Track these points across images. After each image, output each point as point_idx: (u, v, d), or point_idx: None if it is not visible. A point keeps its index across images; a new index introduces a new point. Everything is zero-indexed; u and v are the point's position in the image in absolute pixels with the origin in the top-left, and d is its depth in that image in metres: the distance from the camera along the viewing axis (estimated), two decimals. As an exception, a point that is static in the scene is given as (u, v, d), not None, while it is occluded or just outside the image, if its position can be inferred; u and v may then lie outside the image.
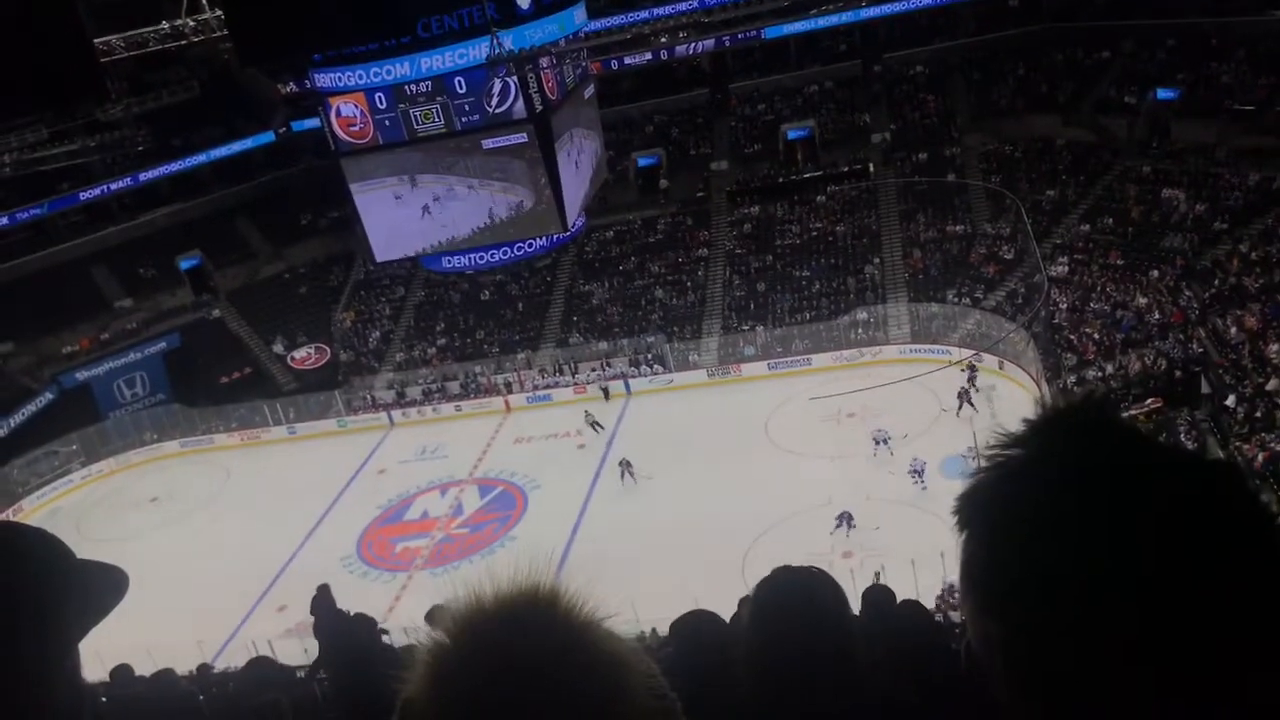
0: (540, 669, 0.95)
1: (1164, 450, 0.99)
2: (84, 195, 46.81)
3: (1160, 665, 0.86)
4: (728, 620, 3.29)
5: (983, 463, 1.04)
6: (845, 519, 27.66)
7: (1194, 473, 0.96)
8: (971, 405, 32.36)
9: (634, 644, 1.03)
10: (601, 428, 37.51)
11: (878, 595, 4.61)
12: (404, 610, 28.52)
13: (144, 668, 10.78)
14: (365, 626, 5.87)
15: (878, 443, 30.98)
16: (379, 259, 38.47)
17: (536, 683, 0.94)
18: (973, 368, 34.42)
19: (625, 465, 33.35)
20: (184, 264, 48.16)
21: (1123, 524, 0.91)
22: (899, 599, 5.73)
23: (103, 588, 1.28)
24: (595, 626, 1.01)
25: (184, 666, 15.05)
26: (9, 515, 38.89)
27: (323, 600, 6.99)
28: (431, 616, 7.62)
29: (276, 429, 43.11)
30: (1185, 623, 0.87)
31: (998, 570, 0.98)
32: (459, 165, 33.86)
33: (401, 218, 34.99)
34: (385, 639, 6.03)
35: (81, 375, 43.98)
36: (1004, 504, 0.99)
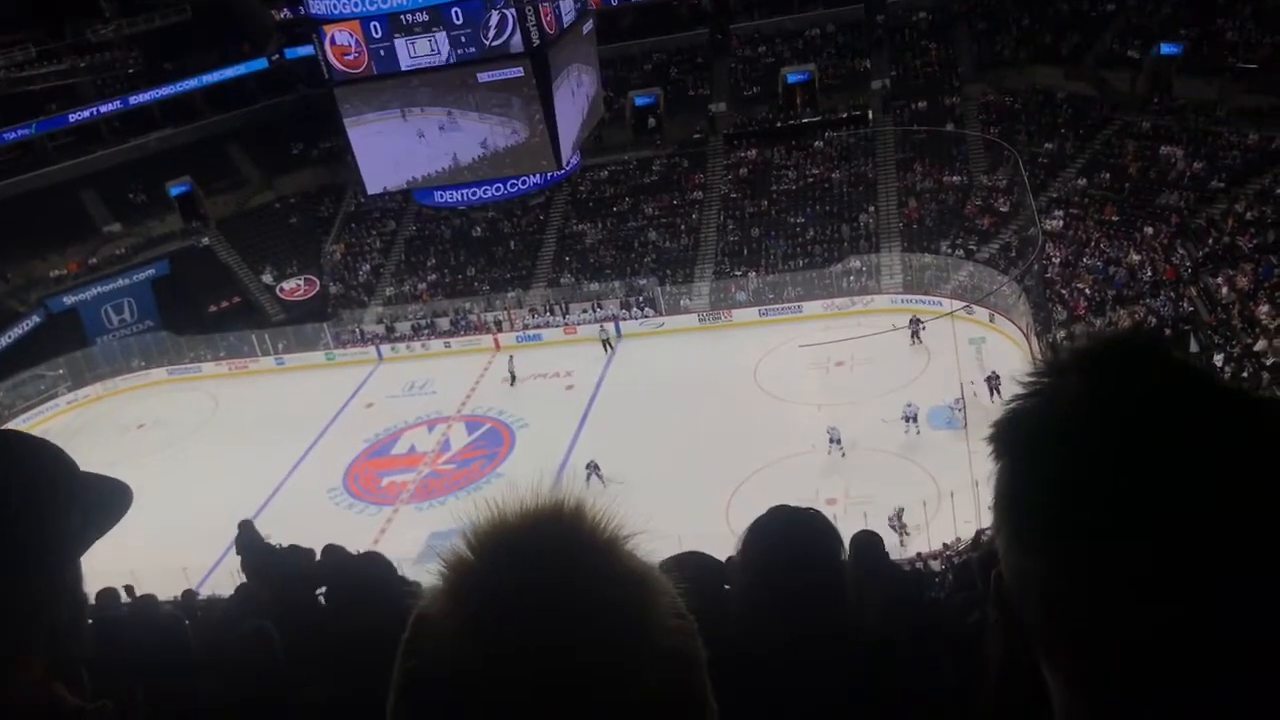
0: (567, 584, 0.93)
1: (1218, 386, 0.95)
2: (73, 117, 46.29)
3: (1198, 606, 0.84)
4: (719, 560, 3.30)
5: (1020, 390, 1.01)
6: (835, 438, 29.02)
7: (1248, 410, 0.93)
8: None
9: (655, 564, 1.01)
10: (514, 378, 37.67)
11: (864, 540, 4.63)
12: (388, 544, 28.69)
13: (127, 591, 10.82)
14: (301, 560, 5.49)
15: (833, 441, 29.30)
16: (370, 191, 38.14)
17: (562, 597, 0.91)
18: (916, 320, 34.68)
19: (592, 468, 29.92)
20: (174, 190, 47.72)
21: (1169, 459, 0.88)
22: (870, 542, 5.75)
23: (107, 501, 1.25)
24: (620, 543, 0.99)
25: (169, 592, 15.13)
26: (-5, 437, 38.87)
27: (247, 536, 6.45)
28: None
29: (265, 359, 43.05)
30: (1227, 564, 0.84)
31: (1036, 501, 0.94)
32: (454, 98, 33.47)
33: (394, 150, 34.64)
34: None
35: (69, 300, 43.78)
36: (1045, 433, 0.96)
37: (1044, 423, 0.97)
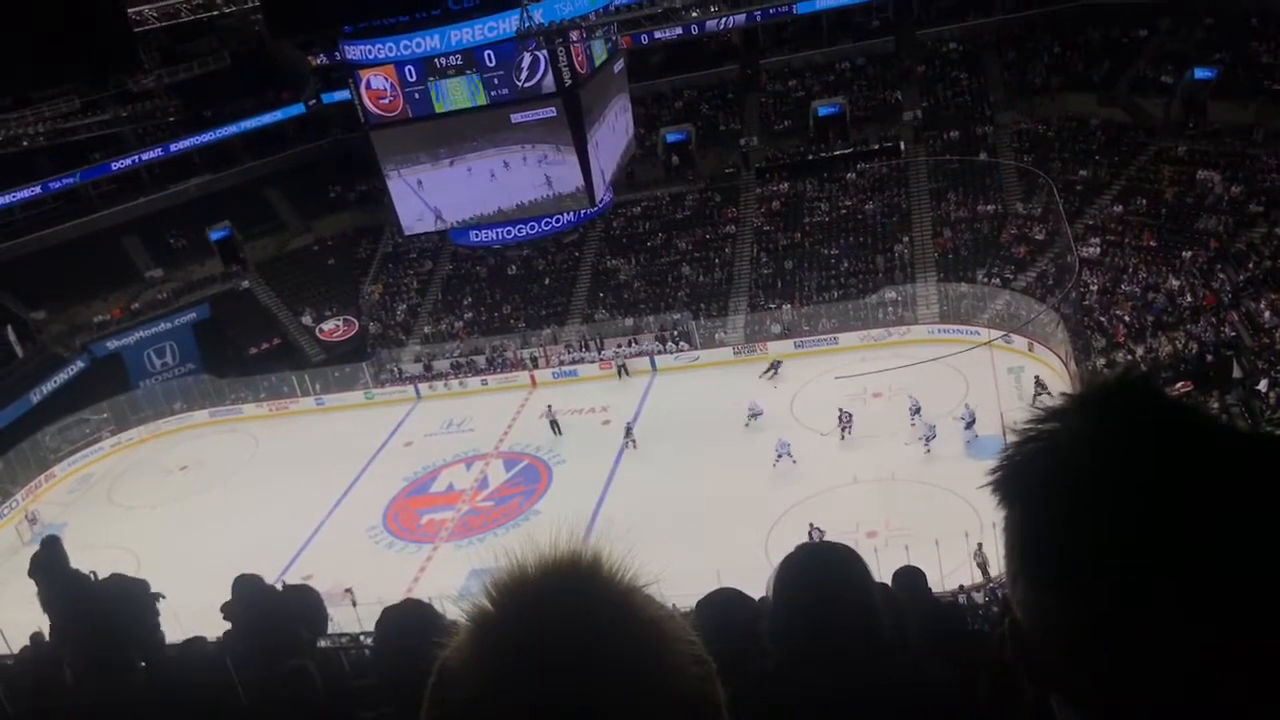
0: (585, 636, 0.96)
1: (1211, 423, 0.98)
2: (115, 165, 47.17)
3: (1226, 637, 0.86)
4: (754, 597, 3.30)
5: (1019, 437, 1.03)
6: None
7: (1253, 446, 0.95)
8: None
9: (672, 610, 1.04)
10: (560, 431, 36.90)
11: (908, 575, 4.61)
12: (429, 582, 28.76)
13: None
14: (126, 592, 4.15)
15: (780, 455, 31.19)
16: (407, 232, 38.56)
17: (581, 649, 0.95)
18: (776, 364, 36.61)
19: (629, 432, 34.80)
20: (214, 235, 48.49)
21: (1188, 494, 0.90)
22: (913, 577, 5.69)
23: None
24: (637, 592, 1.02)
25: (212, 633, 15.22)
26: (41, 481, 39.47)
27: (50, 558, 4.26)
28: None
29: (304, 400, 43.43)
30: (1252, 596, 0.86)
31: (1051, 544, 0.96)
32: (488, 139, 33.84)
33: (430, 191, 35.06)
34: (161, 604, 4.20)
35: (112, 344, 44.44)
36: (1054, 478, 0.98)
37: (1052, 467, 0.99)
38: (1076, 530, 0.94)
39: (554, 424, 37.21)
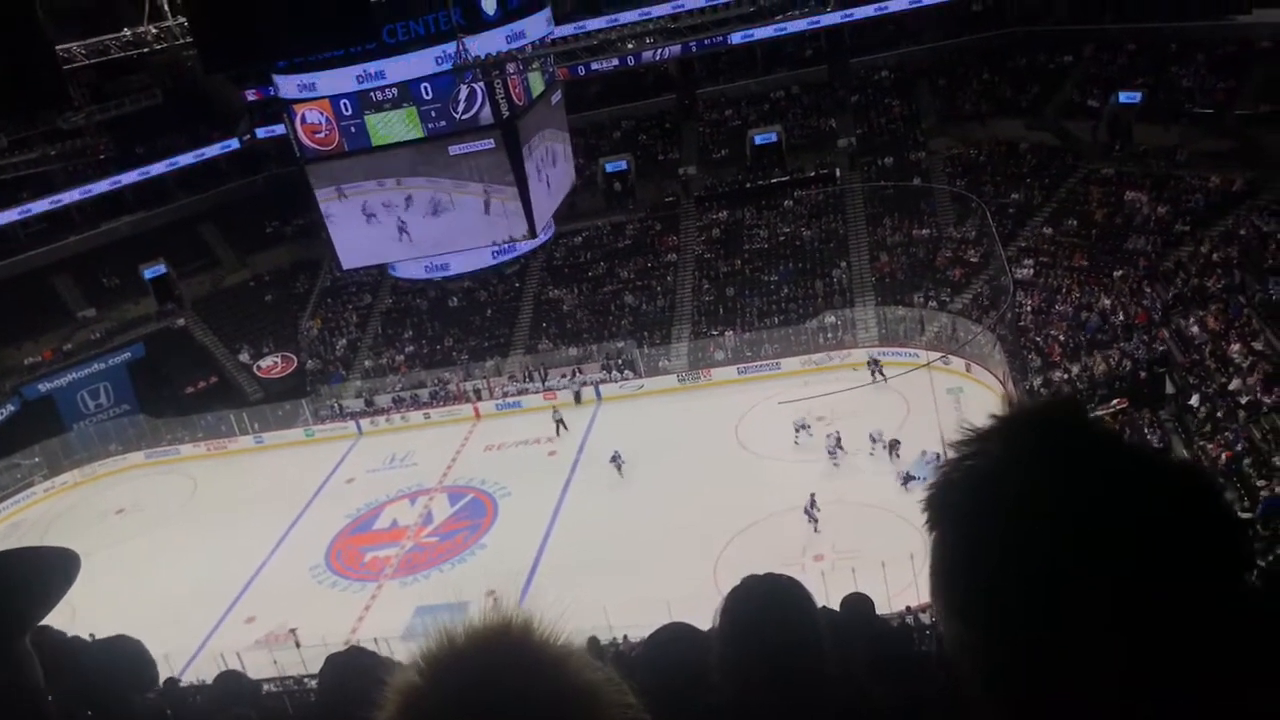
0: (512, 707, 0.94)
1: (1134, 452, 0.98)
2: (45, 204, 46.19)
3: (1131, 667, 0.86)
4: (704, 630, 3.28)
5: (951, 462, 1.03)
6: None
7: (1164, 475, 0.95)
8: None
9: (609, 672, 1.02)
10: (565, 428, 37.87)
11: (856, 602, 4.63)
12: (374, 620, 28.35)
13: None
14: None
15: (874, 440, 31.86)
16: (345, 266, 38.23)
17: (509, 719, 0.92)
18: (874, 361, 36.24)
19: (617, 458, 33.89)
20: (148, 273, 47.66)
21: (1095, 527, 0.90)
22: (861, 603, 5.70)
23: (40, 577, 1.22)
24: (569, 659, 1.00)
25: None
26: (-30, 529, 38.39)
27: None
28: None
29: (243, 439, 42.73)
30: (1157, 627, 0.86)
31: (968, 571, 0.96)
32: (425, 172, 33.71)
33: (367, 225, 34.82)
34: None
35: (44, 386, 43.42)
36: (974, 504, 0.98)
37: (967, 494, 0.99)
38: (986, 559, 0.94)
39: (559, 423, 38.30)
